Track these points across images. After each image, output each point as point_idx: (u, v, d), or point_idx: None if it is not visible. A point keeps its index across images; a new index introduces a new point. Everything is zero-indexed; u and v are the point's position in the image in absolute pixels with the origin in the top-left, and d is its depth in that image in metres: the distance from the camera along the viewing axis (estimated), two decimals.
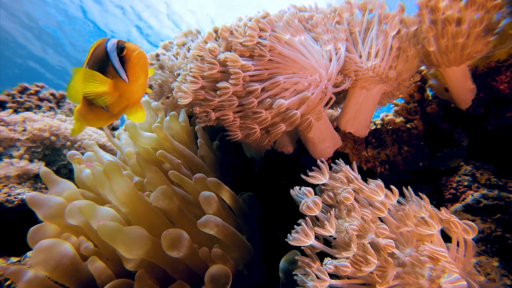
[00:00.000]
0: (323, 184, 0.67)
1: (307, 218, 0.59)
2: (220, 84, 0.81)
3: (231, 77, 0.80)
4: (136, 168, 1.05)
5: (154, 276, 0.80)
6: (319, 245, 0.57)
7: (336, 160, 0.71)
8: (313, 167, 0.67)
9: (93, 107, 0.78)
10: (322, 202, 0.63)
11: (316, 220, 0.62)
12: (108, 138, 1.18)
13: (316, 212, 0.58)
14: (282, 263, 0.75)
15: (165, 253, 0.75)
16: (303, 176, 0.67)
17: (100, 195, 0.96)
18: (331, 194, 0.65)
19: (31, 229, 0.82)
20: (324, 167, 0.65)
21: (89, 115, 0.81)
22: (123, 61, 0.71)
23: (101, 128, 2.47)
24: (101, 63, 0.72)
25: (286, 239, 0.59)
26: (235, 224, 0.94)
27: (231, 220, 0.93)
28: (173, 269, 0.78)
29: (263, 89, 0.81)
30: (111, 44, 0.72)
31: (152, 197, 0.80)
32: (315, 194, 0.65)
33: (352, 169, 0.68)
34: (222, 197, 0.94)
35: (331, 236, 0.57)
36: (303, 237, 0.55)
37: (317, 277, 0.51)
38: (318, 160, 0.67)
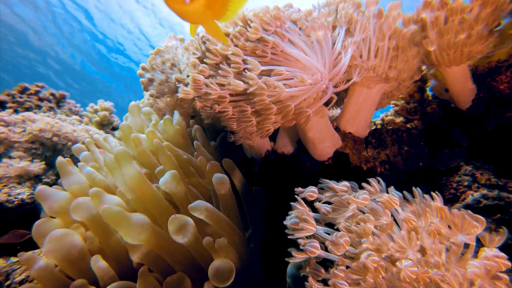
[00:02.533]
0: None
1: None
2: (222, 66, 0.81)
3: (231, 64, 0.80)
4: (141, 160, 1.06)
5: (158, 270, 0.82)
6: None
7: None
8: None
9: None
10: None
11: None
12: (96, 143, 1.19)
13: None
14: (290, 268, 0.75)
15: (166, 241, 0.77)
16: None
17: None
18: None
19: (36, 222, 0.85)
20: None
21: None
22: None
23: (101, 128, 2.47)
24: None
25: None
26: (237, 215, 0.95)
27: (235, 209, 0.95)
28: (173, 258, 0.80)
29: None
30: None
31: (162, 180, 0.83)
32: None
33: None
34: (233, 180, 0.99)
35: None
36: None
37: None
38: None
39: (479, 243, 0.53)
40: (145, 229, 0.74)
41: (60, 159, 0.95)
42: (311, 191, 0.65)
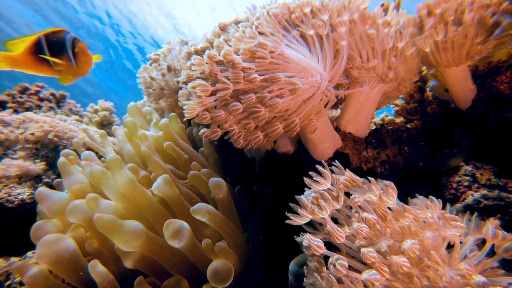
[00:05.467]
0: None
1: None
2: (219, 85, 0.81)
3: (230, 75, 0.80)
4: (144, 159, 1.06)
5: (154, 273, 0.81)
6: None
7: (333, 162, 0.71)
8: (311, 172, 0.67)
9: (41, 62, 1.09)
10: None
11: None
12: (89, 138, 1.29)
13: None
14: (292, 265, 0.75)
15: (161, 246, 0.77)
16: (306, 180, 0.67)
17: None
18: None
19: (35, 224, 0.85)
20: (327, 171, 0.64)
21: (20, 64, 1.09)
22: (75, 55, 1.06)
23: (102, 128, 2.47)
24: (57, 49, 1.06)
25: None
26: (236, 217, 0.95)
27: (233, 211, 0.94)
28: (170, 263, 0.80)
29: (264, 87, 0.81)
30: (69, 39, 1.05)
31: (155, 185, 0.82)
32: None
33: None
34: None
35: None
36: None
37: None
38: (318, 166, 0.66)
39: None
40: (138, 236, 0.73)
41: (62, 159, 0.96)
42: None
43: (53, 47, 1.04)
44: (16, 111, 1.99)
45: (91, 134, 1.32)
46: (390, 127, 1.36)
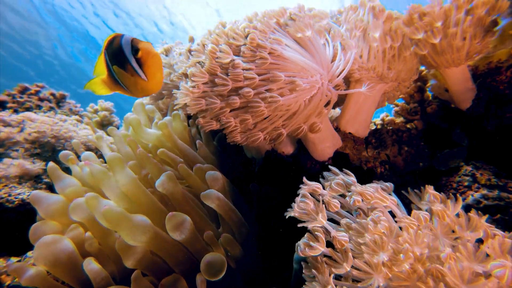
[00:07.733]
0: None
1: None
2: (218, 81, 0.81)
3: (230, 73, 0.80)
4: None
5: (153, 273, 0.81)
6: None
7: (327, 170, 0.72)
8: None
9: (117, 85, 0.90)
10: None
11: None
12: (94, 132, 1.27)
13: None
14: (297, 254, 0.77)
15: (167, 242, 0.78)
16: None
17: (101, 193, 0.97)
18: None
19: (33, 225, 0.84)
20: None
21: (112, 87, 0.94)
22: (139, 62, 0.79)
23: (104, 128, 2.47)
24: (120, 60, 0.81)
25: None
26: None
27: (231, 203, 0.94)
28: (174, 259, 0.80)
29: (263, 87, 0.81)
30: (126, 44, 0.80)
31: (158, 182, 0.82)
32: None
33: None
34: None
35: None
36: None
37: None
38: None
39: None
40: (147, 230, 0.73)
41: (51, 164, 0.94)
42: (316, 187, 0.66)
43: (116, 60, 0.84)
44: (16, 111, 1.99)
45: (96, 129, 1.31)
46: (390, 127, 1.36)
